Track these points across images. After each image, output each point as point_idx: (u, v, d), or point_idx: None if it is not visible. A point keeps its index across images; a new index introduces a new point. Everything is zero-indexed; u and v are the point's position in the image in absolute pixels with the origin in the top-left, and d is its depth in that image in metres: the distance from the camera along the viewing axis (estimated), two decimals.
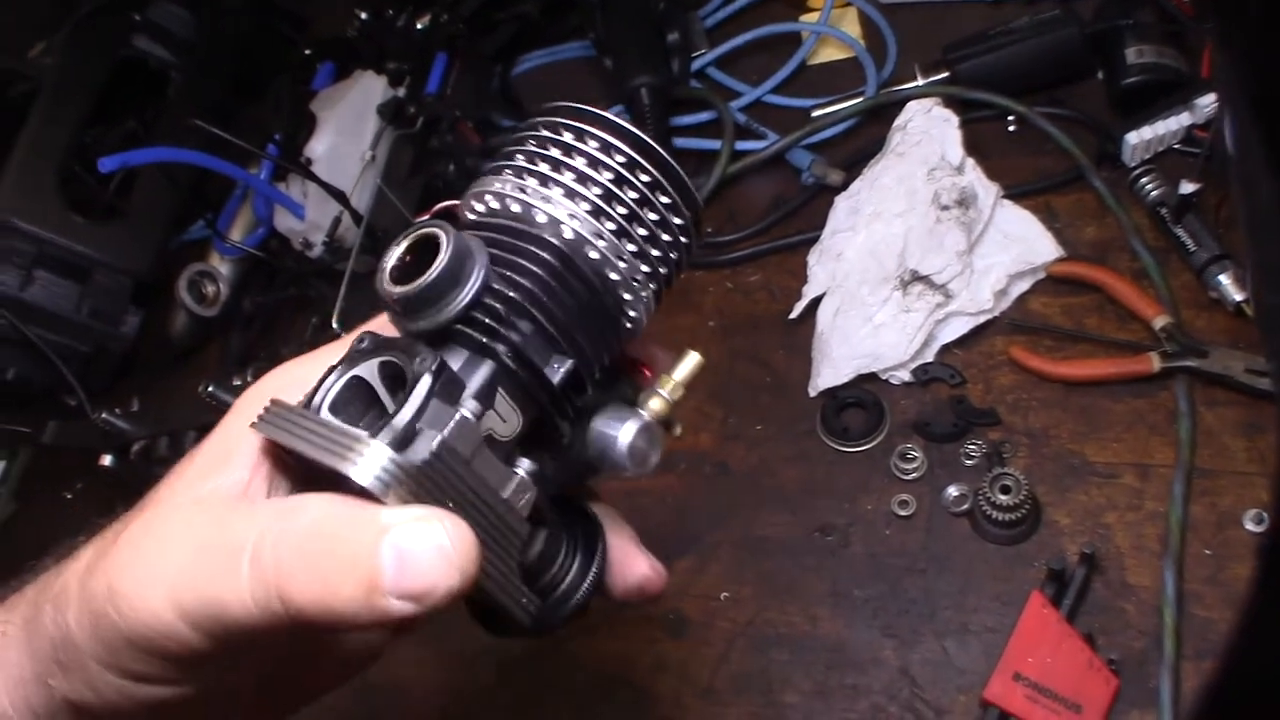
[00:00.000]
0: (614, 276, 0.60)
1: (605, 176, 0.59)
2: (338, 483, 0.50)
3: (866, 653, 1.05)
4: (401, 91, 1.47)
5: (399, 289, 0.54)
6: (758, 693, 1.06)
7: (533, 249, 0.58)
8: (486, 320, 0.56)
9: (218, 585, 0.48)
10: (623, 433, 0.60)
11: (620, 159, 0.59)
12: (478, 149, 1.47)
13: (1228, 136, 0.59)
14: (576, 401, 0.60)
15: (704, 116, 1.48)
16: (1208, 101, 1.18)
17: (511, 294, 0.56)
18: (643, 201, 0.60)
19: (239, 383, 1.31)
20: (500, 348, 0.56)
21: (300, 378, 0.59)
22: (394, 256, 0.56)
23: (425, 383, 0.51)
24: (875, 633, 1.06)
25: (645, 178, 0.59)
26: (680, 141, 1.46)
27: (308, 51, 1.65)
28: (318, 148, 1.41)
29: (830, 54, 1.49)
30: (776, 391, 1.25)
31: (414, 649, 1.21)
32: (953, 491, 1.10)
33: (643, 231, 0.60)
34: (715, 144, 1.43)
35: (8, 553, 1.57)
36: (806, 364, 1.23)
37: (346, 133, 1.43)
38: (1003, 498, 1.04)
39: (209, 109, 1.54)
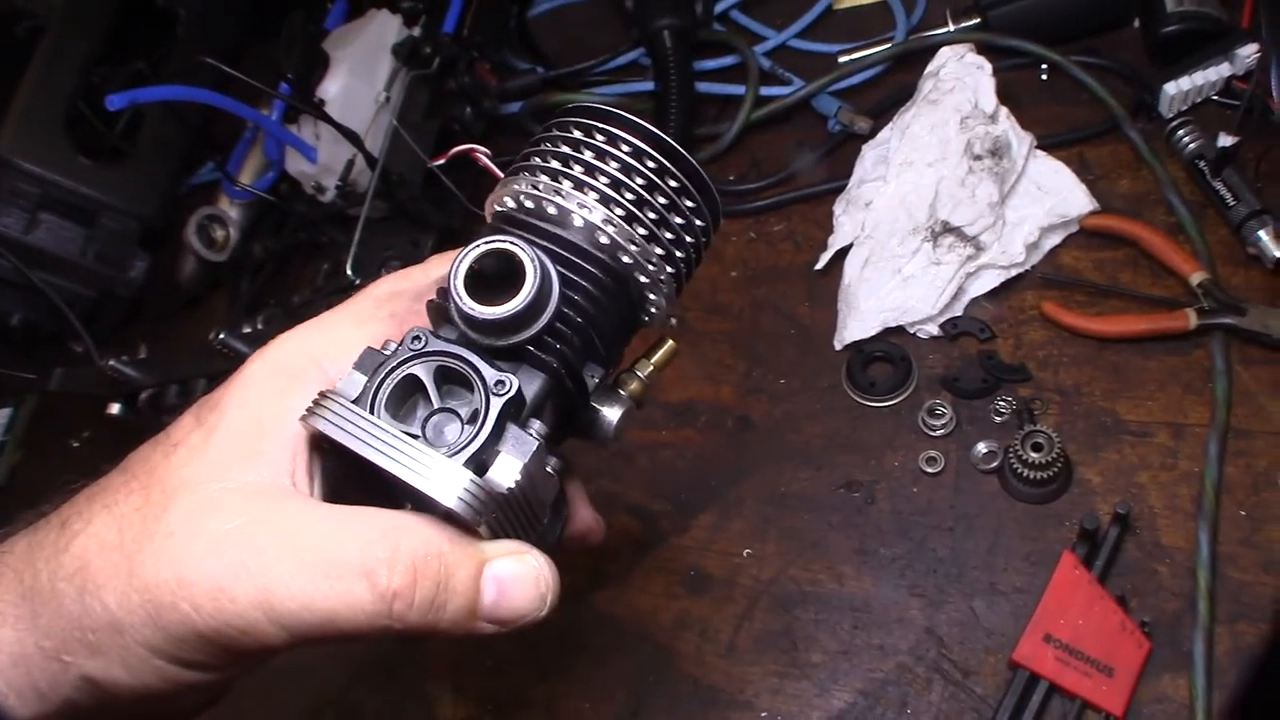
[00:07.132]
0: (643, 279, 0.64)
1: (637, 182, 0.62)
2: (398, 484, 0.53)
3: (893, 612, 1.03)
4: (417, 31, 1.43)
5: (483, 312, 0.55)
6: (781, 651, 1.04)
7: (589, 268, 0.61)
8: (550, 339, 0.59)
9: (332, 601, 0.52)
10: (612, 414, 0.66)
11: (650, 164, 0.62)
12: (495, 91, 1.43)
13: None
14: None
15: (728, 61, 1.45)
16: (1249, 52, 1.14)
17: (574, 315, 0.60)
18: (670, 206, 0.63)
19: (249, 330, 1.29)
20: (556, 364, 0.59)
21: (314, 351, 0.60)
22: (465, 264, 0.56)
23: (500, 406, 0.55)
24: (902, 592, 1.04)
25: (673, 182, 0.63)
26: (703, 86, 1.43)
27: None
28: (331, 88, 1.37)
29: None
30: (801, 344, 1.22)
31: None
32: (982, 448, 1.08)
33: (669, 235, 0.63)
34: (739, 89, 1.39)
35: (14, 502, 1.55)
36: (832, 316, 1.21)
37: (360, 73, 1.39)
38: (1034, 455, 1.02)
39: (219, 48, 1.50)
